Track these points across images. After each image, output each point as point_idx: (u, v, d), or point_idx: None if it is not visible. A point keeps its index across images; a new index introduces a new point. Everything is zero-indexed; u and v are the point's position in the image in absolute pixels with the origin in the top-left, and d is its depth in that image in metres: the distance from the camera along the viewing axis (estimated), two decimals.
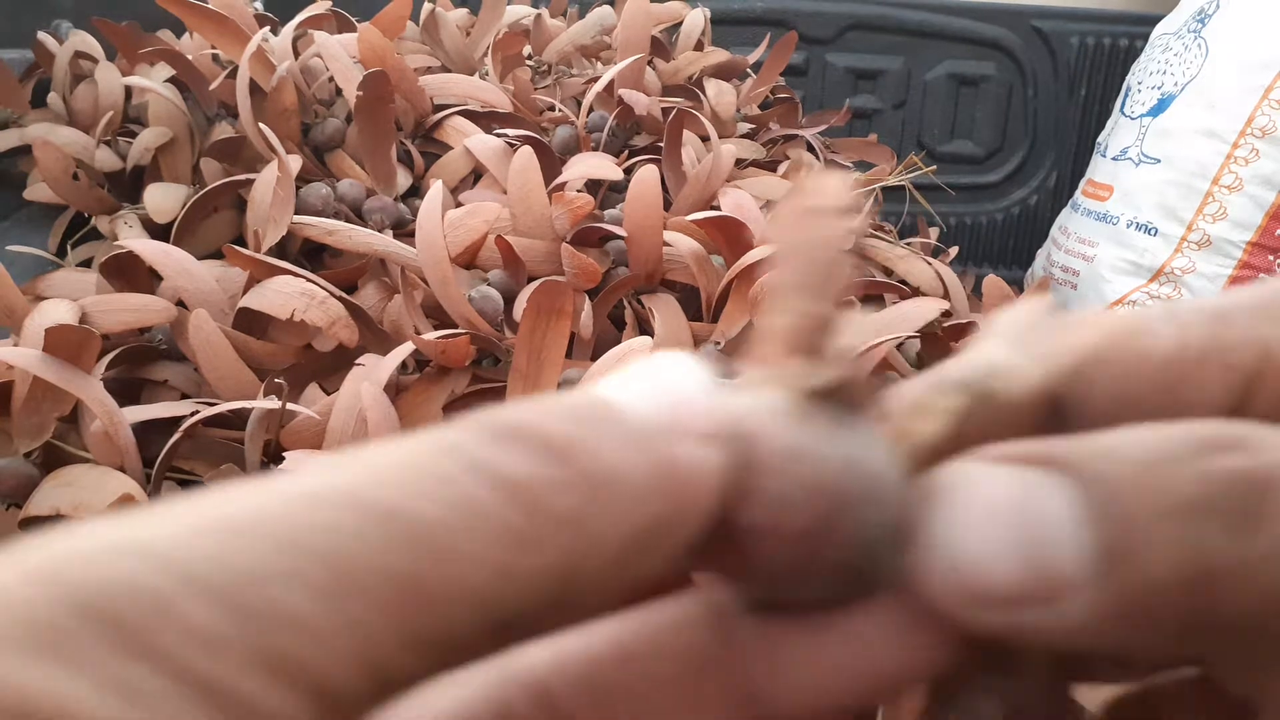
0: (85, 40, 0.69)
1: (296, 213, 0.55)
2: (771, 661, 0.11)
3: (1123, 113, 1.16)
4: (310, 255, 0.60)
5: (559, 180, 0.61)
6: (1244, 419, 0.11)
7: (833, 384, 0.10)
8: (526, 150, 0.59)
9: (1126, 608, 0.10)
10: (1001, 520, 0.10)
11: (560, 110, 0.75)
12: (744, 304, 0.55)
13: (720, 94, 0.80)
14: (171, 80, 0.67)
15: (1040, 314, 0.12)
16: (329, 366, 0.51)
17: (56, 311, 0.47)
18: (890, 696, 0.12)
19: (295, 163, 0.57)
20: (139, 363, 0.51)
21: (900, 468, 0.11)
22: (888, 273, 0.70)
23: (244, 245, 0.57)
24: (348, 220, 0.59)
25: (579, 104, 0.75)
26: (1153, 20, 1.20)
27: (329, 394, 0.48)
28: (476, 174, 0.66)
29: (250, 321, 0.50)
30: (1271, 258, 0.98)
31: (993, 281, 0.55)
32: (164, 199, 0.61)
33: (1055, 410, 0.12)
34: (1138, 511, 0.09)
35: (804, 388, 0.10)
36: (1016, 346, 0.11)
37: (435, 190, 0.51)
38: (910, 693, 0.12)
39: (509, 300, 0.54)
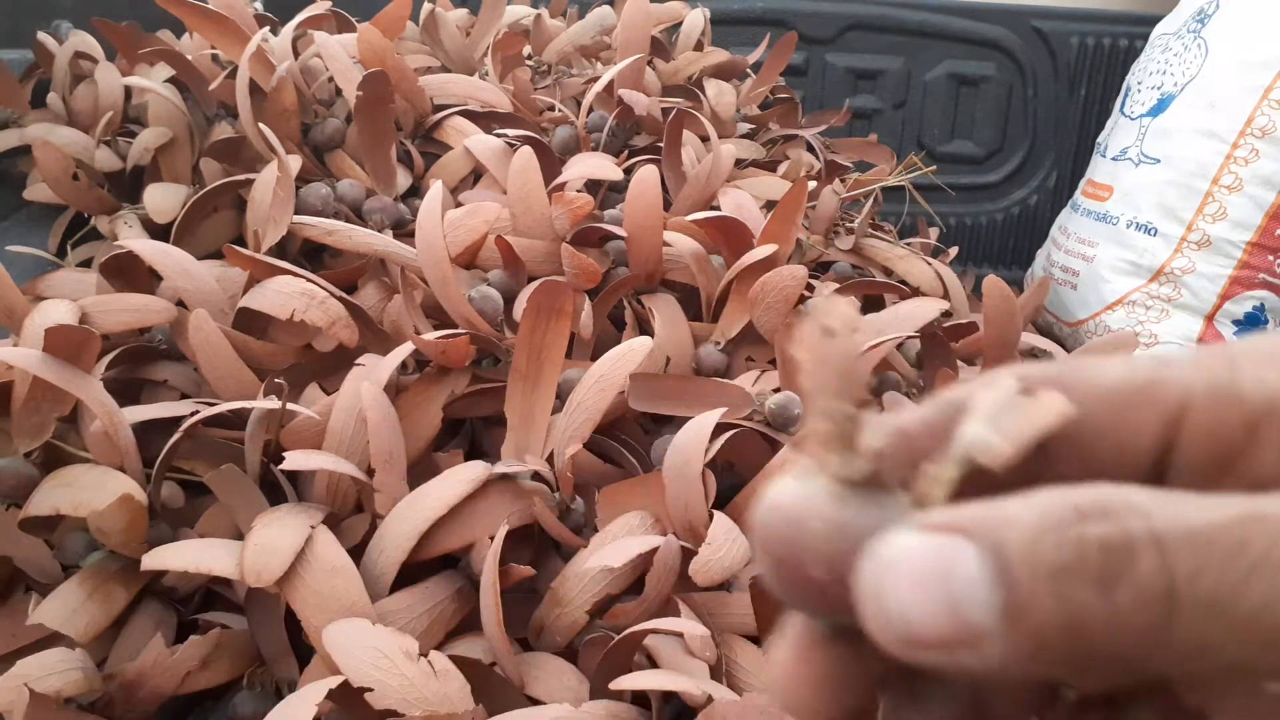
0: (85, 40, 0.69)
1: (296, 213, 0.55)
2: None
3: (1122, 113, 1.16)
4: (310, 255, 0.60)
5: (559, 180, 0.61)
6: (1172, 453, 0.15)
7: (864, 473, 0.13)
8: (526, 150, 0.59)
9: (1029, 650, 0.12)
10: (927, 583, 0.12)
11: (560, 110, 0.75)
12: (744, 304, 0.55)
13: (720, 94, 0.80)
14: (171, 80, 0.67)
15: (1009, 393, 0.14)
16: (329, 366, 0.51)
17: (56, 311, 0.47)
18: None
19: (295, 163, 0.57)
20: (139, 363, 0.51)
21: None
22: (888, 273, 0.70)
23: (244, 245, 0.57)
24: (348, 220, 0.59)
25: (579, 104, 0.75)
26: (1152, 20, 1.20)
27: (329, 394, 0.48)
28: (476, 174, 0.66)
29: (250, 321, 0.50)
30: (1271, 258, 0.98)
31: (993, 281, 0.55)
32: (164, 199, 0.61)
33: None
34: (1026, 575, 0.12)
35: (840, 476, 0.13)
36: (992, 427, 0.14)
37: (435, 190, 0.51)
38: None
39: (509, 300, 0.54)
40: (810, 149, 0.86)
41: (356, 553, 0.40)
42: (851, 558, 0.13)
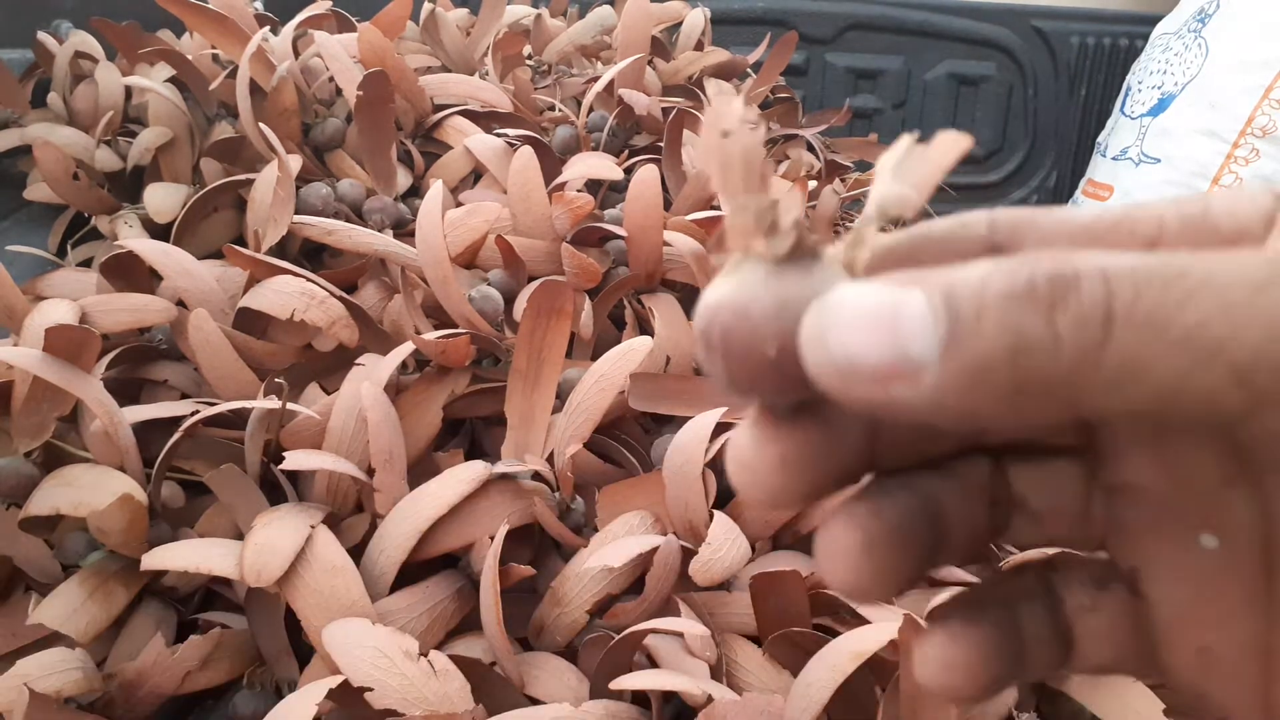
0: (85, 40, 0.69)
1: (296, 213, 0.55)
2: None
3: (1123, 112, 1.16)
4: (310, 255, 0.60)
5: (559, 180, 0.61)
6: None
7: (792, 244, 0.14)
8: (526, 150, 0.59)
9: (965, 381, 0.12)
10: (867, 317, 0.13)
11: (560, 110, 0.75)
12: None
13: (721, 94, 0.80)
14: (171, 80, 0.67)
15: (906, 147, 0.15)
16: (329, 366, 0.51)
17: (56, 311, 0.47)
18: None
19: (295, 163, 0.57)
20: (139, 362, 0.51)
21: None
22: None
23: (244, 245, 0.57)
24: (348, 220, 0.59)
25: (579, 104, 0.75)
26: (1153, 20, 1.20)
27: (329, 394, 0.48)
28: (476, 174, 0.66)
29: (250, 321, 0.50)
30: None
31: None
32: (164, 199, 0.61)
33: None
34: (972, 307, 0.12)
35: (769, 255, 0.14)
36: (898, 179, 0.14)
37: (435, 190, 0.51)
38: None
39: (509, 300, 0.54)
40: (810, 149, 0.86)
41: (356, 552, 0.40)
42: (798, 326, 0.13)
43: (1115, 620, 0.17)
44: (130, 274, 0.52)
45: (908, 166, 0.15)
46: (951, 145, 0.14)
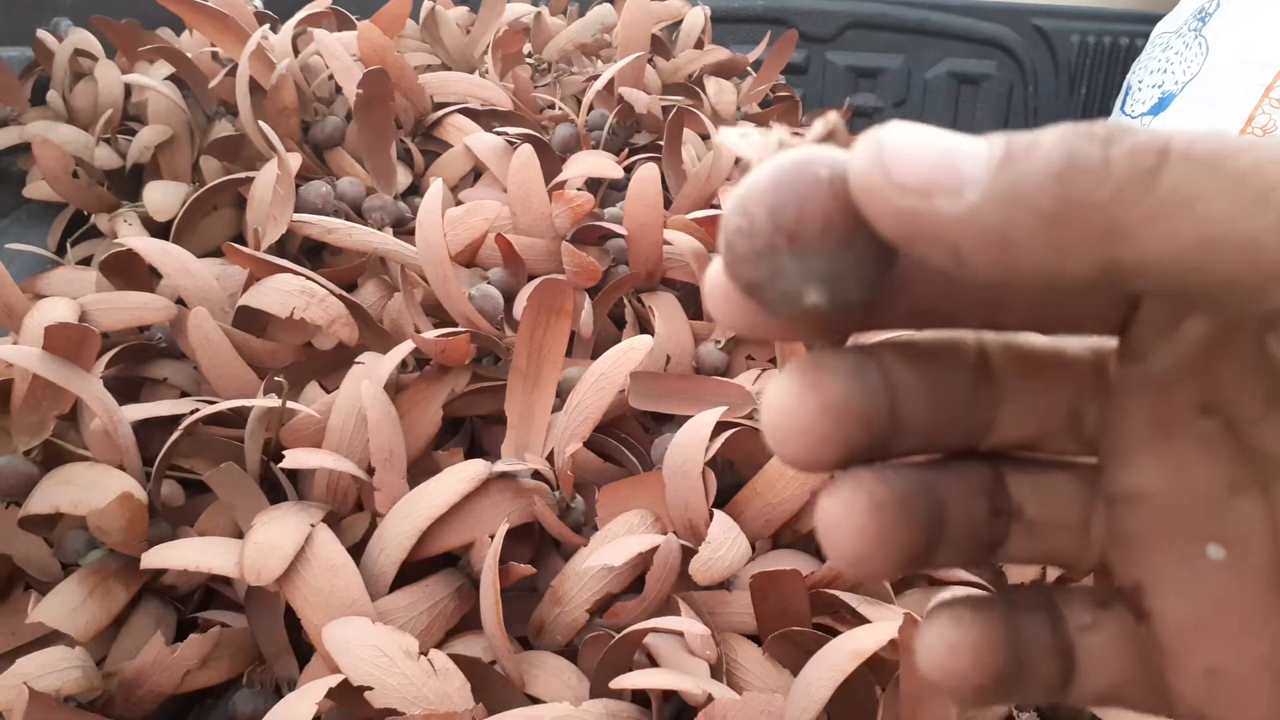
0: (85, 38, 0.69)
1: (296, 211, 0.55)
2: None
3: (1123, 111, 1.16)
4: (310, 253, 0.60)
5: (559, 179, 0.61)
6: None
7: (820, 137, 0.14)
8: (526, 148, 0.59)
9: (1009, 193, 0.12)
10: (927, 139, 0.13)
11: (560, 108, 0.75)
12: None
13: (720, 92, 0.80)
14: (171, 78, 0.67)
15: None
16: (329, 365, 0.51)
17: (56, 309, 0.46)
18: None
19: (295, 161, 0.57)
20: (138, 361, 0.51)
21: None
22: None
23: (244, 243, 0.57)
24: (348, 218, 0.58)
25: (579, 102, 0.75)
26: (1153, 19, 1.20)
27: (329, 392, 0.48)
28: (476, 172, 0.66)
29: (250, 320, 0.50)
30: None
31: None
32: (164, 197, 0.61)
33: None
34: (1026, 138, 0.12)
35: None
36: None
37: (435, 188, 0.51)
38: None
39: (509, 298, 0.54)
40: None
41: (356, 551, 0.40)
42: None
43: (1117, 640, 0.16)
44: (130, 272, 0.52)
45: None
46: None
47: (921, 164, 0.12)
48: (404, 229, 0.61)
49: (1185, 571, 0.15)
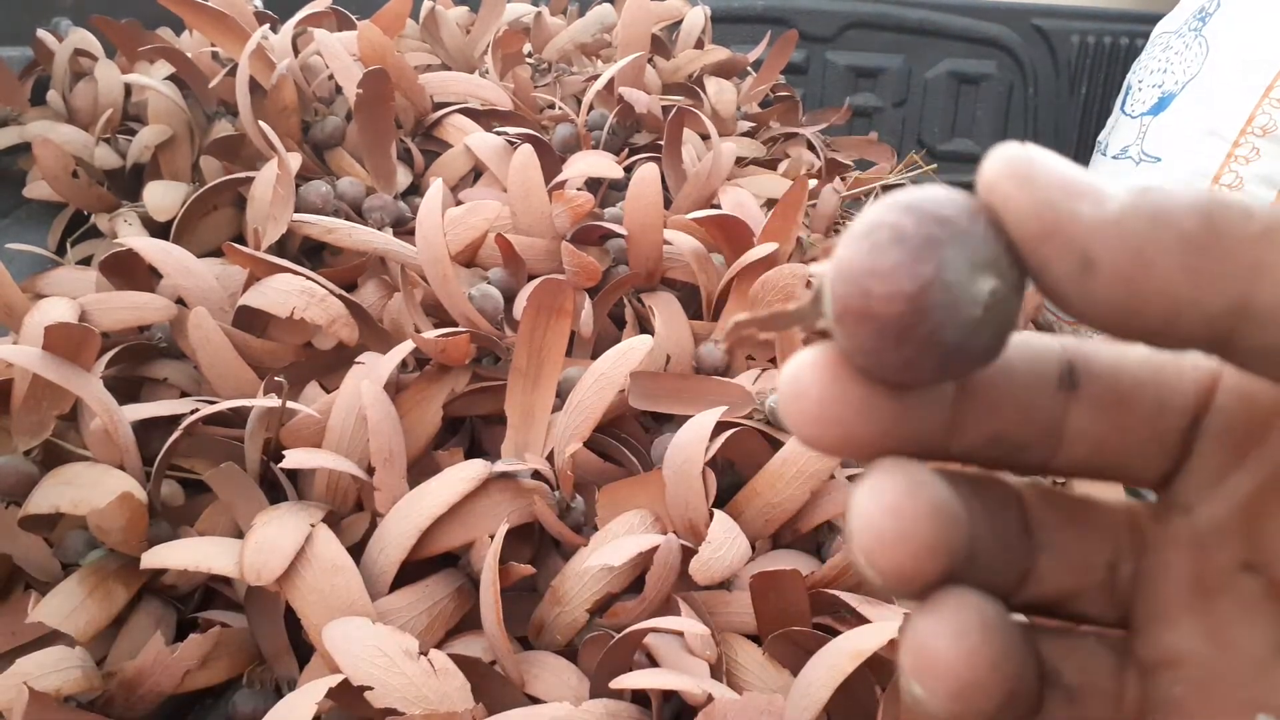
0: (85, 38, 0.69)
1: (296, 211, 0.55)
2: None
3: (1123, 111, 1.16)
4: (310, 253, 0.60)
5: (559, 178, 0.61)
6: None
7: None
8: (526, 148, 0.59)
9: (1153, 210, 0.12)
10: (1066, 163, 0.13)
11: (560, 108, 0.75)
12: (744, 302, 0.55)
13: (720, 92, 0.80)
14: (171, 78, 0.67)
15: None
16: (329, 365, 0.51)
17: (56, 309, 0.46)
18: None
19: (295, 160, 0.57)
20: (138, 361, 0.51)
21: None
22: None
23: (244, 243, 0.57)
24: (348, 218, 0.58)
25: (579, 102, 0.75)
26: (1153, 19, 1.20)
27: (329, 392, 0.48)
28: (476, 172, 0.66)
29: (250, 319, 0.50)
30: None
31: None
32: (164, 197, 0.61)
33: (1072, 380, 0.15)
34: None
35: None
36: None
37: (435, 188, 0.51)
38: None
39: (509, 298, 0.54)
40: (811, 147, 0.86)
41: (356, 551, 0.40)
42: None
43: None
44: (130, 272, 0.52)
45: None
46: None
47: (1064, 171, 0.13)
48: (404, 229, 0.61)
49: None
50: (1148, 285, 0.12)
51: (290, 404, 0.44)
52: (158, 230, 0.61)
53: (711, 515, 0.41)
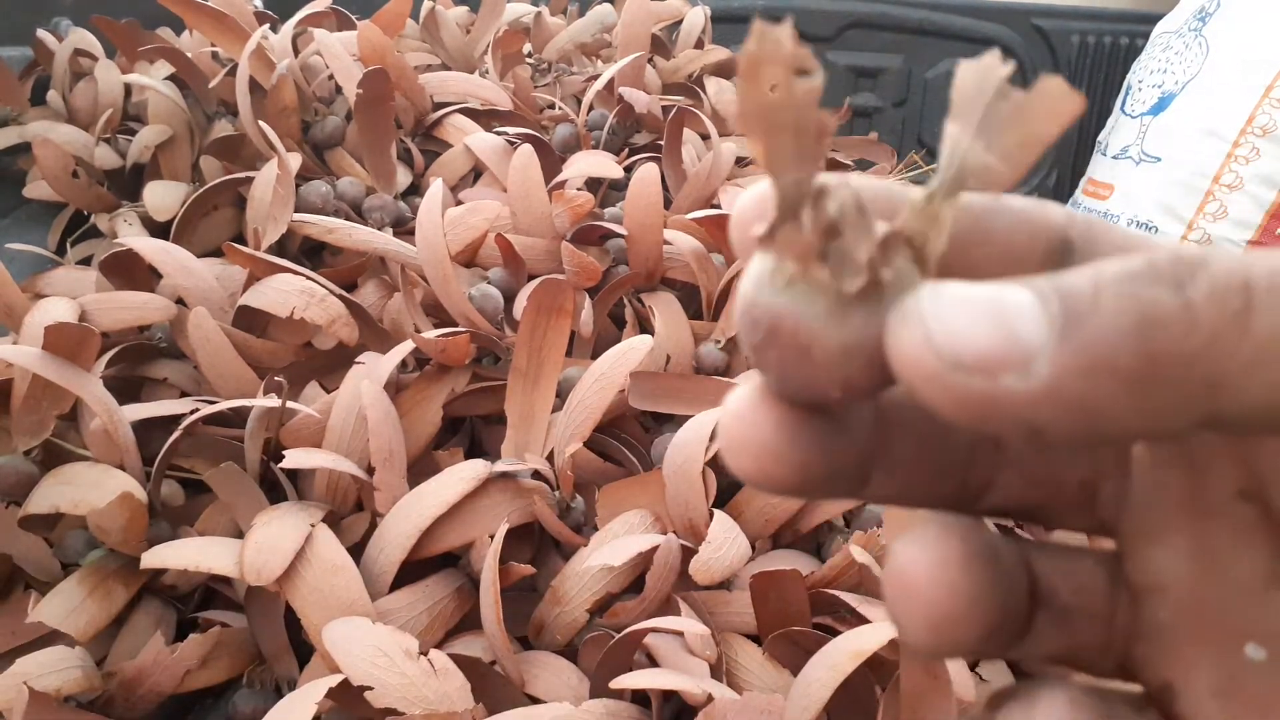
0: (85, 38, 0.69)
1: (296, 211, 0.55)
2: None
3: (1123, 111, 1.16)
4: (310, 253, 0.60)
5: (559, 178, 0.61)
6: None
7: (858, 288, 0.12)
8: (526, 148, 0.59)
9: (1086, 361, 0.11)
10: (972, 304, 0.11)
11: (560, 108, 0.75)
12: None
13: (721, 92, 0.80)
14: (171, 78, 0.67)
15: (996, 93, 0.12)
16: (329, 364, 0.51)
17: (56, 309, 0.46)
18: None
19: (295, 160, 0.57)
20: (138, 360, 0.51)
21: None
22: None
23: (244, 243, 0.57)
24: (348, 218, 0.58)
25: (579, 102, 0.75)
26: (1153, 19, 1.20)
27: (329, 392, 0.48)
28: (476, 172, 0.66)
29: (250, 319, 0.50)
30: None
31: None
32: (164, 197, 0.61)
33: (1062, 258, 0.14)
34: (1085, 286, 0.11)
35: (831, 291, 0.12)
36: (983, 138, 0.12)
37: (435, 188, 0.51)
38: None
39: (509, 298, 0.54)
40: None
41: (356, 551, 0.40)
42: (867, 365, 0.12)
43: None
44: (130, 272, 0.52)
45: (998, 120, 0.12)
46: (1059, 102, 0.12)
47: (976, 337, 0.11)
48: (404, 229, 0.61)
49: (1220, 672, 0.13)
50: (1105, 430, 0.11)
51: (290, 404, 0.44)
52: (158, 230, 0.61)
53: (711, 515, 0.41)
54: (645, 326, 0.57)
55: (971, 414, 0.11)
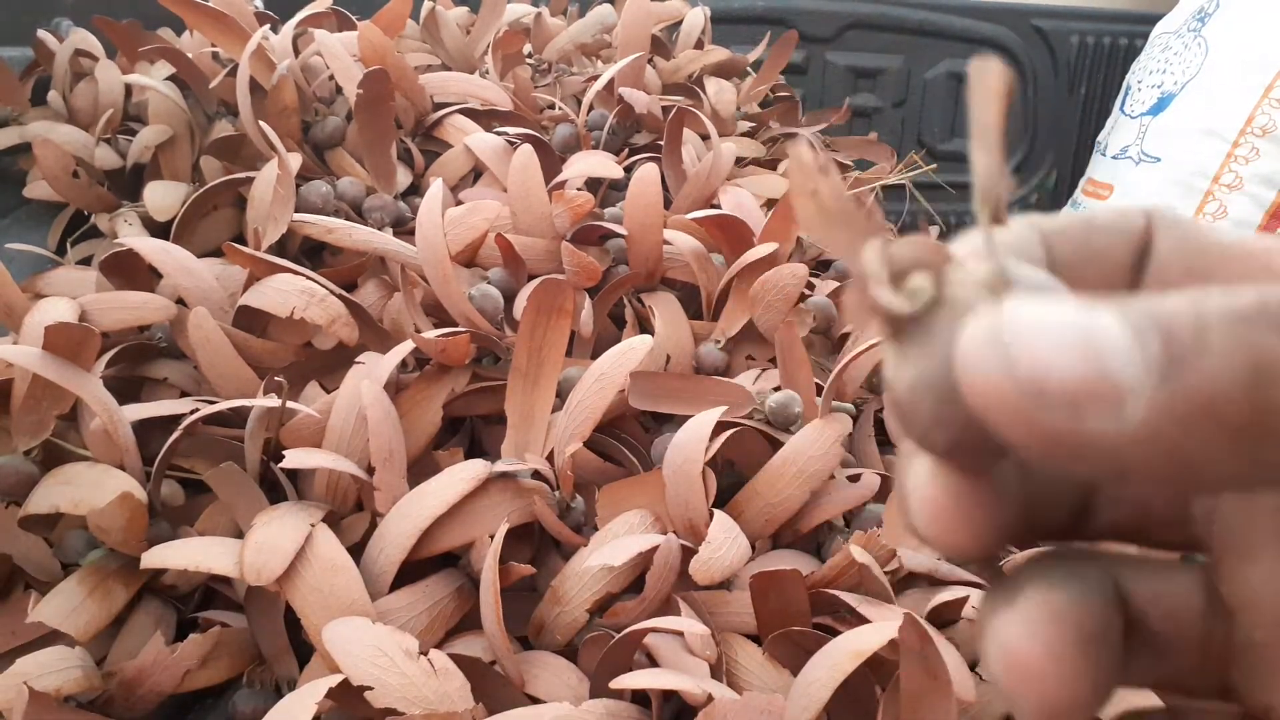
0: (85, 38, 0.69)
1: (296, 211, 0.55)
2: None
3: (1123, 111, 1.16)
4: (310, 253, 0.60)
5: (559, 178, 0.61)
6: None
7: (913, 317, 0.12)
8: (527, 148, 0.59)
9: (1188, 410, 0.10)
10: (1056, 329, 0.10)
11: (560, 108, 0.75)
12: (744, 302, 0.55)
13: (720, 92, 0.80)
14: (171, 78, 0.67)
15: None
16: (329, 364, 0.51)
17: (56, 309, 0.46)
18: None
19: (295, 161, 0.57)
20: (139, 360, 0.51)
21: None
22: None
23: (244, 243, 0.57)
24: (348, 218, 0.58)
25: (579, 102, 0.75)
26: (1153, 19, 1.20)
27: (329, 392, 0.48)
28: (477, 172, 0.66)
29: (250, 319, 0.50)
30: None
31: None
32: (164, 197, 0.61)
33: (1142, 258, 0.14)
34: (1190, 321, 0.10)
35: (891, 334, 0.12)
36: (984, 155, 0.12)
37: (435, 188, 0.51)
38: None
39: (509, 298, 0.54)
40: (811, 147, 0.86)
41: (356, 551, 0.40)
42: (937, 402, 0.11)
43: None
44: (130, 272, 0.52)
45: (978, 128, 0.13)
46: (990, 81, 0.12)
47: (1062, 368, 0.10)
48: (404, 229, 0.61)
49: None
50: (1201, 480, 0.10)
51: (290, 404, 0.44)
52: (158, 230, 0.61)
53: (711, 515, 0.41)
54: (645, 326, 0.57)
55: (1052, 452, 0.10)
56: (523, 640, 0.42)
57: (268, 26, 0.66)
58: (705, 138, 0.71)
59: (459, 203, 0.60)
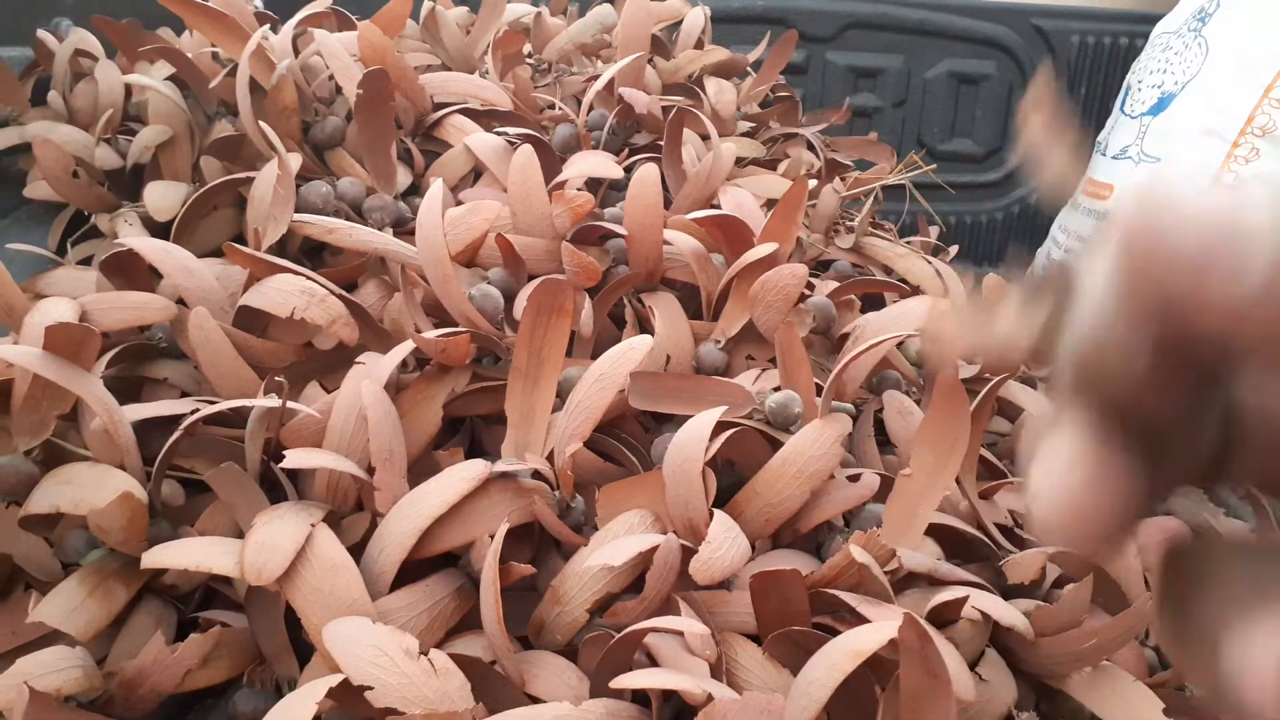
0: (85, 38, 0.69)
1: (296, 211, 0.55)
2: None
3: (1123, 111, 1.16)
4: (310, 253, 0.60)
5: (559, 178, 0.61)
6: None
7: None
8: (527, 148, 0.59)
9: None
10: (1199, 198, 0.11)
11: (560, 108, 0.75)
12: (744, 302, 0.55)
13: (720, 92, 0.80)
14: (171, 78, 0.67)
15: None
16: (329, 365, 0.51)
17: (56, 309, 0.47)
18: None
19: (295, 161, 0.57)
20: (139, 361, 0.51)
21: None
22: (888, 271, 0.70)
23: (244, 243, 0.57)
24: (348, 218, 0.58)
25: (579, 102, 0.75)
26: (1153, 19, 1.20)
27: (329, 392, 0.48)
28: (477, 172, 0.66)
29: (250, 319, 0.50)
30: None
31: (993, 280, 0.55)
32: (164, 197, 0.61)
33: None
34: None
35: None
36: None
37: (435, 188, 0.51)
38: None
39: (509, 298, 0.54)
40: (810, 147, 0.86)
41: (357, 551, 0.40)
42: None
43: None
44: (130, 272, 0.52)
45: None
46: (1038, 90, 0.14)
47: (1197, 235, 0.11)
48: (404, 229, 0.61)
49: None
50: None
51: (290, 404, 0.44)
52: (158, 230, 0.61)
53: (711, 515, 0.41)
54: (645, 326, 0.57)
55: (1184, 308, 0.11)
56: (523, 640, 0.42)
57: (267, 26, 0.66)
58: (705, 138, 0.71)
59: (459, 203, 0.60)
